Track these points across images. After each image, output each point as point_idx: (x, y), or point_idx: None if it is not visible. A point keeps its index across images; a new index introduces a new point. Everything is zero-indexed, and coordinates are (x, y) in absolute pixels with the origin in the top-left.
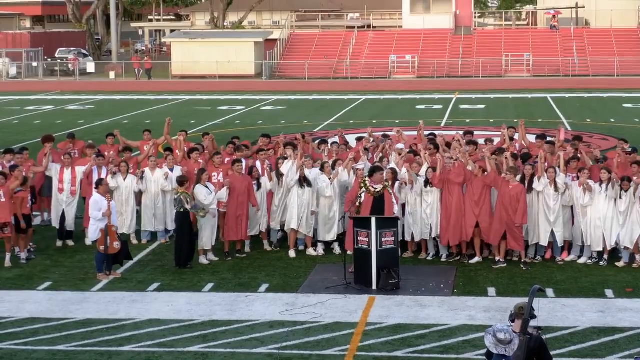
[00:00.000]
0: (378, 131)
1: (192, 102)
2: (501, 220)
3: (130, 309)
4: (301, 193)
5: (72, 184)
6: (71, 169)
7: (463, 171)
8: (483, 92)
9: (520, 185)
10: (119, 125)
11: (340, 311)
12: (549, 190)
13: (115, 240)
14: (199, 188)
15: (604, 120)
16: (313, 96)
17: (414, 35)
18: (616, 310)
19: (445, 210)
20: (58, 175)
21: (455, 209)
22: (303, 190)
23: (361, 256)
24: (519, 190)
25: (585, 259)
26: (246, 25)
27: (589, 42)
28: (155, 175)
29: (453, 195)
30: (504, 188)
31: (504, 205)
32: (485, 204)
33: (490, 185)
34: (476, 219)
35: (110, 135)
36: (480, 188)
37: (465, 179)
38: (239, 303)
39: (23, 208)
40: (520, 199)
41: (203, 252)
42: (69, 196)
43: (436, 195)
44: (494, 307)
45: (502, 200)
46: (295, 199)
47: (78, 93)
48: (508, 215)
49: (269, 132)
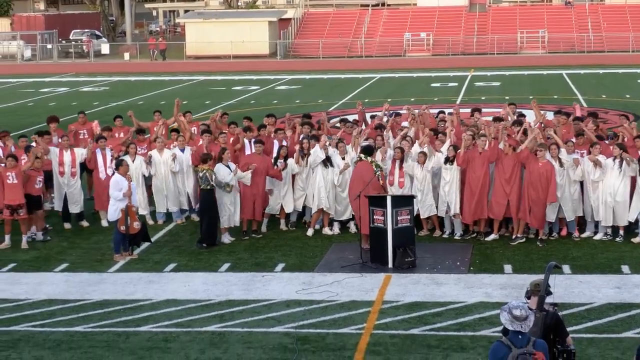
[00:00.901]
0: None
1: (207, 83)
2: (529, 197)
3: (147, 289)
4: (325, 173)
5: (72, 166)
6: (70, 150)
7: (497, 150)
8: (498, 69)
9: (550, 163)
10: (134, 107)
11: (356, 290)
12: (555, 166)
13: (135, 220)
14: (219, 167)
15: (620, 96)
16: (327, 75)
17: (429, 12)
18: (632, 286)
19: (469, 189)
20: (57, 158)
21: (479, 186)
22: (327, 170)
23: (377, 235)
24: (549, 167)
25: (600, 235)
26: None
27: (604, 18)
28: (164, 156)
29: (478, 173)
30: (533, 165)
31: (532, 182)
32: (516, 182)
33: (523, 161)
34: (507, 197)
35: (118, 117)
36: (512, 166)
37: (497, 157)
38: (255, 282)
39: (30, 187)
40: (550, 177)
41: (225, 231)
42: (69, 178)
43: (455, 174)
44: (510, 284)
45: (531, 178)
46: (322, 179)
47: (93, 74)
48: (536, 192)
49: (285, 111)
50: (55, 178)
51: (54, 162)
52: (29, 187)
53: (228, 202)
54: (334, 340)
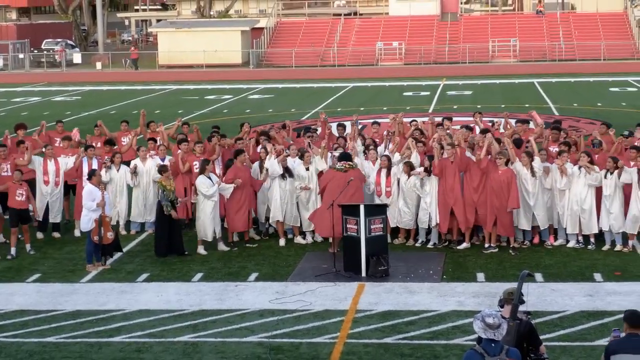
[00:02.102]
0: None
1: (180, 92)
2: (491, 206)
3: (119, 299)
4: (283, 185)
5: (56, 175)
6: (54, 159)
7: (465, 158)
8: (470, 78)
9: (510, 170)
10: (106, 117)
11: (330, 299)
12: (527, 175)
13: (109, 230)
14: (201, 179)
15: (591, 105)
16: (300, 84)
17: (401, 22)
18: (605, 293)
19: (443, 198)
20: (42, 167)
21: (453, 196)
22: (285, 181)
23: (350, 243)
24: (509, 174)
25: (572, 243)
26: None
27: (575, 27)
28: (147, 165)
29: (450, 182)
30: (494, 173)
31: (494, 190)
32: (483, 190)
33: (485, 171)
34: (475, 206)
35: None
36: (479, 175)
37: (466, 166)
38: (228, 292)
39: (12, 201)
40: (510, 184)
41: (201, 243)
42: (53, 188)
43: (435, 184)
44: (483, 292)
45: (492, 185)
46: (278, 191)
47: (65, 84)
48: (499, 200)
49: (257, 120)
50: (38, 187)
51: (38, 172)
52: (11, 201)
53: (208, 215)
54: (307, 349)
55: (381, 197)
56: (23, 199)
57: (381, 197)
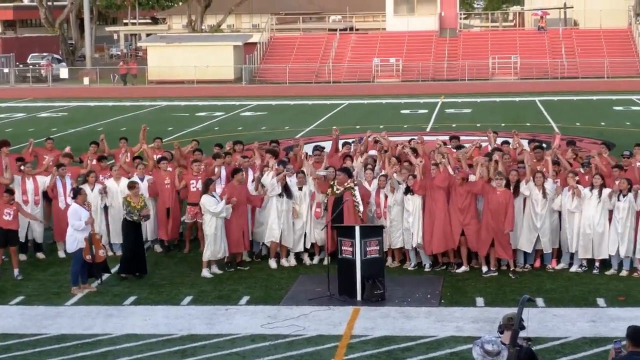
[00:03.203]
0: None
1: (170, 109)
2: (488, 228)
3: (105, 323)
4: (280, 204)
5: (35, 194)
6: (32, 178)
7: (448, 176)
8: (469, 96)
9: (508, 191)
10: (94, 134)
11: (324, 323)
12: (537, 196)
13: (100, 247)
14: (206, 198)
15: (594, 124)
16: (294, 101)
17: (398, 37)
18: (608, 319)
19: (429, 218)
20: (20, 186)
21: (439, 216)
22: (281, 200)
23: (345, 266)
24: (507, 196)
25: (575, 267)
26: (225, 29)
27: (578, 43)
28: (121, 185)
29: (437, 201)
30: (491, 195)
31: (492, 212)
32: (470, 211)
33: (478, 193)
34: (462, 227)
35: (93, 143)
36: (464, 195)
37: (450, 184)
38: (218, 316)
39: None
40: (508, 206)
41: (207, 265)
42: (33, 207)
43: (418, 203)
44: (482, 317)
45: (490, 207)
46: (275, 210)
47: (51, 100)
48: (496, 222)
49: (250, 138)
50: None
51: (17, 191)
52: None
53: (213, 235)
54: None
55: (381, 219)
56: (10, 219)
57: (381, 219)
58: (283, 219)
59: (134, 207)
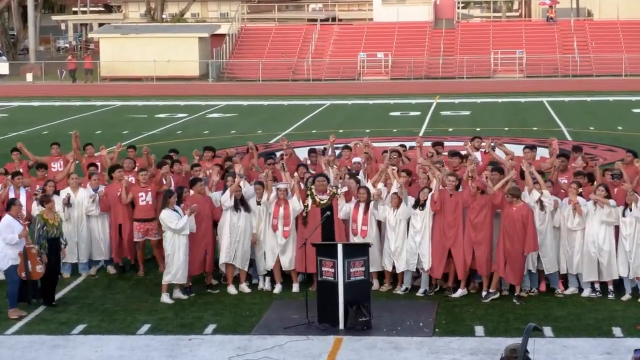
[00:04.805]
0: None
1: (125, 109)
2: (501, 248)
3: (51, 355)
4: (236, 219)
5: None
6: None
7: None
8: (468, 96)
9: (527, 206)
10: (37, 137)
11: (301, 355)
12: (535, 210)
13: (37, 263)
14: (165, 213)
15: (610, 128)
16: (268, 101)
17: (387, 29)
18: (625, 351)
19: (438, 237)
20: None
21: (452, 236)
22: (238, 214)
23: (326, 289)
24: (525, 212)
25: (588, 291)
26: (189, 18)
27: (592, 37)
28: (79, 195)
29: (449, 219)
30: (507, 210)
31: (507, 230)
32: (484, 228)
33: (498, 207)
34: (472, 246)
35: (15, 150)
36: (478, 209)
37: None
38: (180, 347)
39: None
40: (527, 224)
41: (167, 289)
42: None
43: (427, 220)
44: (482, 349)
45: (505, 224)
46: (227, 227)
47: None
48: (511, 241)
49: (218, 143)
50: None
51: None
52: None
53: (179, 255)
54: None
55: (356, 237)
56: None
57: (356, 236)
58: (238, 237)
59: (52, 225)
